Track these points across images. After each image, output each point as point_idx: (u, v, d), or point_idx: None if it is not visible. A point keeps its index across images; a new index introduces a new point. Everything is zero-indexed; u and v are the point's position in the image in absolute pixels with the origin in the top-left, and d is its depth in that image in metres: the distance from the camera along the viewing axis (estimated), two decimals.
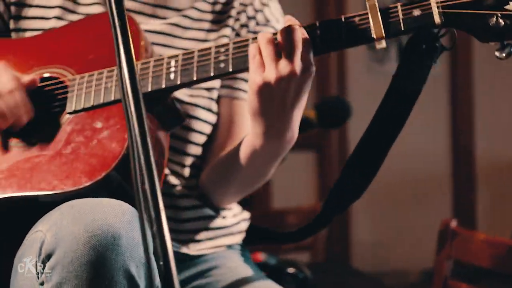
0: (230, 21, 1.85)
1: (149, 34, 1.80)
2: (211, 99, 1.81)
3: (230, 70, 1.55)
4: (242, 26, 1.86)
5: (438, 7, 1.45)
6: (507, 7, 1.41)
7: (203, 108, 1.80)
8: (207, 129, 1.81)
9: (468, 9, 1.43)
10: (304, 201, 4.38)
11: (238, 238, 1.92)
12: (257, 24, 1.86)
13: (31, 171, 1.57)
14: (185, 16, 1.85)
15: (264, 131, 1.57)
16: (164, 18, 1.85)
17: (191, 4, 1.86)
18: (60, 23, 1.81)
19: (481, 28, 1.42)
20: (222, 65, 1.55)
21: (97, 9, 1.83)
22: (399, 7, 1.48)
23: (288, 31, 1.47)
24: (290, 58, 1.47)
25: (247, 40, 1.56)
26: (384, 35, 1.47)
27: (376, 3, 1.49)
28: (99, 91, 1.62)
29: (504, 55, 1.43)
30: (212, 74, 1.56)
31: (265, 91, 1.49)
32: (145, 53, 1.68)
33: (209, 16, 1.86)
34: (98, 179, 1.50)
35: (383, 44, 1.47)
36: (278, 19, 1.88)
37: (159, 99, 1.62)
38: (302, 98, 1.53)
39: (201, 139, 1.80)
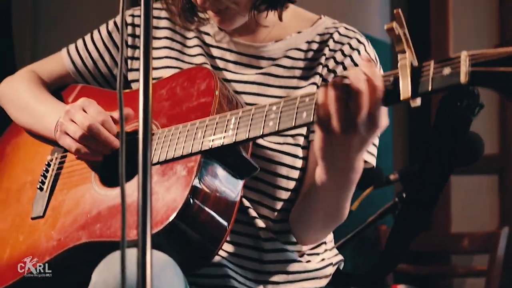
0: (320, 68, 1.88)
1: (244, 84, 1.89)
2: (297, 145, 1.84)
3: (311, 119, 1.56)
4: (330, 71, 1.87)
5: (467, 65, 1.40)
6: None
7: (289, 154, 1.83)
8: (295, 174, 1.85)
9: (499, 65, 1.37)
10: (484, 226, 4.27)
11: (323, 282, 1.92)
12: (344, 69, 1.87)
13: (112, 218, 1.73)
14: (279, 65, 1.90)
15: (327, 169, 1.63)
16: (260, 68, 1.91)
17: (284, 53, 1.91)
18: (171, 71, 1.93)
19: (509, 86, 1.37)
20: (304, 114, 1.57)
21: (201, 59, 1.94)
22: (432, 64, 1.45)
23: (355, 78, 1.49)
24: (356, 115, 1.49)
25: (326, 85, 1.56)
26: (410, 95, 1.44)
27: (407, 63, 1.46)
28: (172, 147, 1.73)
29: None
30: (294, 124, 1.59)
31: (328, 140, 1.55)
32: (228, 104, 1.78)
33: (301, 64, 1.90)
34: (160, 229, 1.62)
35: (417, 102, 1.46)
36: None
37: (231, 150, 1.70)
38: (367, 146, 1.57)
39: (289, 184, 1.84)
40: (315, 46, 1.91)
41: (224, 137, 1.67)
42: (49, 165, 1.95)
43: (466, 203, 4.33)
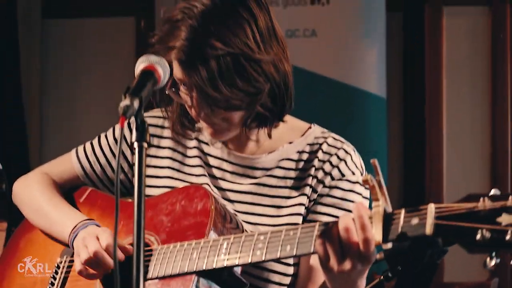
0: (310, 180, 2.01)
1: (239, 194, 2.03)
2: None
3: (295, 253, 1.74)
4: (319, 182, 2.01)
5: (433, 218, 1.56)
6: (498, 219, 1.49)
7: (281, 262, 1.97)
8: (287, 280, 1.99)
9: (462, 220, 1.52)
10: (475, 276, 4.40)
11: None
12: (332, 179, 2.00)
13: None
14: (272, 175, 2.04)
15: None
16: (254, 177, 2.04)
17: (277, 163, 2.04)
18: (172, 182, 2.08)
19: (469, 241, 1.51)
20: (288, 248, 1.74)
21: (200, 170, 2.08)
22: (402, 213, 1.62)
23: (347, 232, 1.67)
24: (350, 256, 1.67)
25: (313, 226, 1.74)
26: (381, 241, 1.62)
27: (381, 210, 1.63)
28: (170, 264, 1.89)
29: (492, 264, 1.51)
30: (279, 255, 1.76)
31: (327, 272, 1.72)
32: (222, 221, 1.94)
33: (292, 174, 2.03)
34: None
35: (388, 246, 1.63)
36: (354, 172, 2.02)
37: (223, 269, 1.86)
38: (366, 272, 1.75)
39: None
40: (305, 156, 2.05)
41: (216, 261, 1.83)
42: (58, 267, 2.11)
43: (458, 252, 4.44)
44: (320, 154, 2.03)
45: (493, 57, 4.45)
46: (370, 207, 1.68)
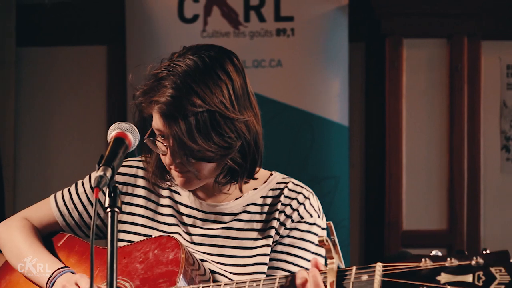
0: (274, 222, 2.20)
1: (210, 238, 2.21)
2: None
3: None
4: (281, 224, 2.20)
5: (380, 275, 1.76)
6: (438, 277, 1.70)
7: None
8: None
9: (406, 278, 1.72)
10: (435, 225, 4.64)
11: None
12: (292, 221, 2.20)
13: None
14: (239, 219, 2.22)
15: None
16: (223, 222, 2.22)
17: (243, 208, 2.23)
18: (146, 231, 2.24)
19: None
20: None
21: (172, 220, 2.25)
22: (353, 270, 1.82)
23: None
24: None
25: (274, 278, 1.94)
26: None
27: (334, 267, 1.82)
28: None
29: None
30: None
31: None
32: (192, 270, 2.11)
33: (258, 217, 2.22)
34: None
35: None
36: (312, 214, 2.21)
37: None
38: None
39: None
40: (269, 200, 2.23)
41: None
42: None
43: (417, 201, 4.69)
44: (282, 198, 2.22)
45: (450, 88, 4.61)
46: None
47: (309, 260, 2.15)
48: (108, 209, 1.81)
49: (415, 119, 4.67)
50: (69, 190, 2.38)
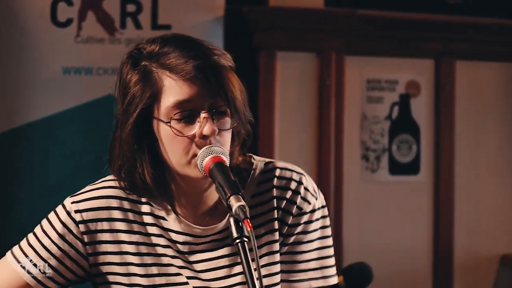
0: (275, 223, 2.02)
1: (216, 261, 2.01)
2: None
3: None
4: (283, 223, 2.03)
5: None
6: None
7: None
8: None
9: None
10: None
11: None
12: (293, 216, 2.04)
13: None
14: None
15: None
16: (223, 240, 2.00)
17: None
18: (149, 270, 1.98)
19: None
20: None
21: (170, 251, 1.99)
22: None
23: None
24: None
25: None
26: None
27: None
28: None
29: None
30: None
31: None
32: None
33: (255, 222, 2.00)
34: None
35: None
36: (310, 201, 2.06)
37: None
38: None
39: None
40: (260, 198, 2.02)
41: None
42: None
43: None
44: (275, 191, 2.03)
45: (320, 100, 4.77)
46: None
47: (330, 246, 2.06)
48: (237, 240, 1.70)
49: (287, 128, 4.77)
50: (35, 236, 1.98)
